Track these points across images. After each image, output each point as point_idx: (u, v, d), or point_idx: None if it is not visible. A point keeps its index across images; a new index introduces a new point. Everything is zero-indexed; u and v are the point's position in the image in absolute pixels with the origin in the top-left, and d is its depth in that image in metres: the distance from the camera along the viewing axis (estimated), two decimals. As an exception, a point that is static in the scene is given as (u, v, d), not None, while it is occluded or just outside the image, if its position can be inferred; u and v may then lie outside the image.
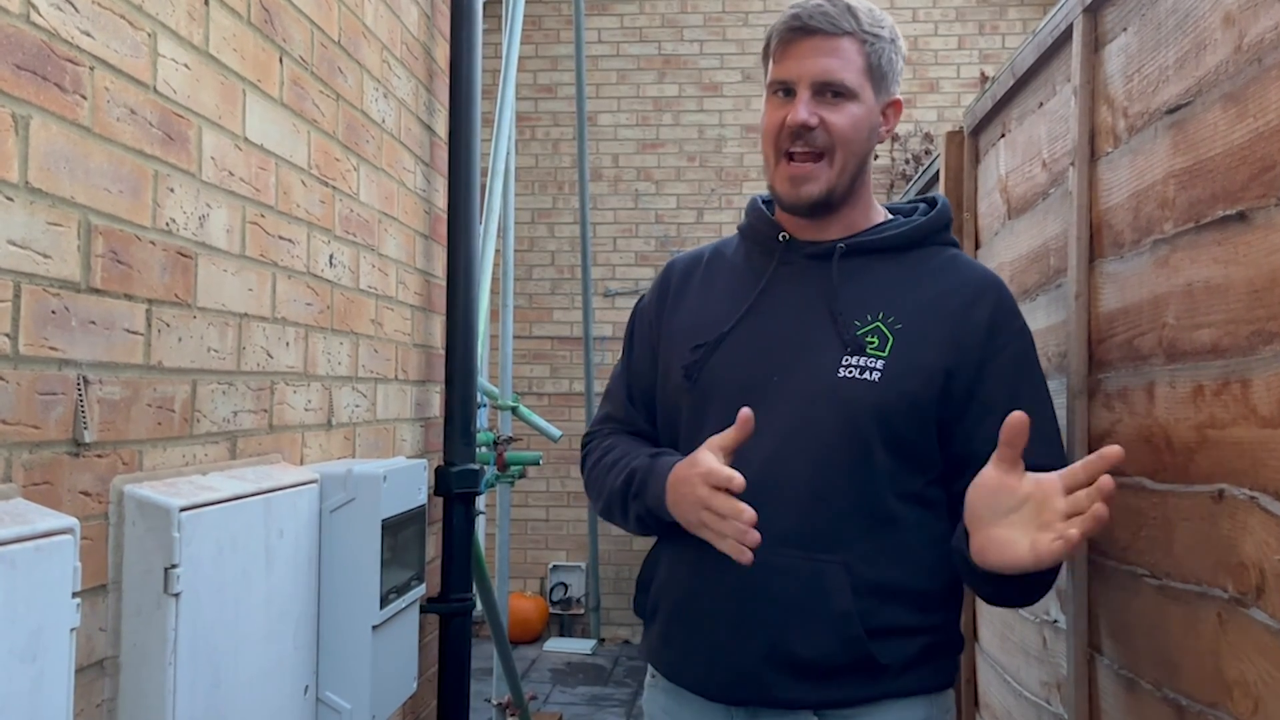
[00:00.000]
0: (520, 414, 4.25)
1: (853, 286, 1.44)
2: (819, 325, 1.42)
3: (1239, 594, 1.18)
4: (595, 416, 1.68)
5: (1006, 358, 1.41)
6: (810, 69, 1.40)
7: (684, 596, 1.44)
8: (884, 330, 1.39)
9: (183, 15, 1.63)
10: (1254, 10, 1.15)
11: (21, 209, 1.29)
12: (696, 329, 1.49)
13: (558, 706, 5.16)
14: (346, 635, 2.06)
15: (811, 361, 1.40)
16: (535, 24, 6.71)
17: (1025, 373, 1.44)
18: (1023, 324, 1.47)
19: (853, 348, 1.39)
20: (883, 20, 1.45)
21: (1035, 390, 1.44)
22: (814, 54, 1.40)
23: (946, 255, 1.49)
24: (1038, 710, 1.92)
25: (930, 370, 1.38)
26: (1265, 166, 1.12)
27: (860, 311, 1.42)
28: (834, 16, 1.40)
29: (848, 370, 1.38)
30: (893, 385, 1.37)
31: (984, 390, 1.40)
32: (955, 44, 6.62)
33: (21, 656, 1.16)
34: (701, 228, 6.70)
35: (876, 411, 1.37)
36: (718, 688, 1.41)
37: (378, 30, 2.48)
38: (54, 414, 1.36)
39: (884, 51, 1.44)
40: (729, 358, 1.45)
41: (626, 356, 1.63)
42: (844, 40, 1.40)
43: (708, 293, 1.53)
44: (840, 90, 1.41)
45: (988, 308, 1.42)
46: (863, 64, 1.41)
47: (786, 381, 1.41)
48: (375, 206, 2.48)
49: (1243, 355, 1.17)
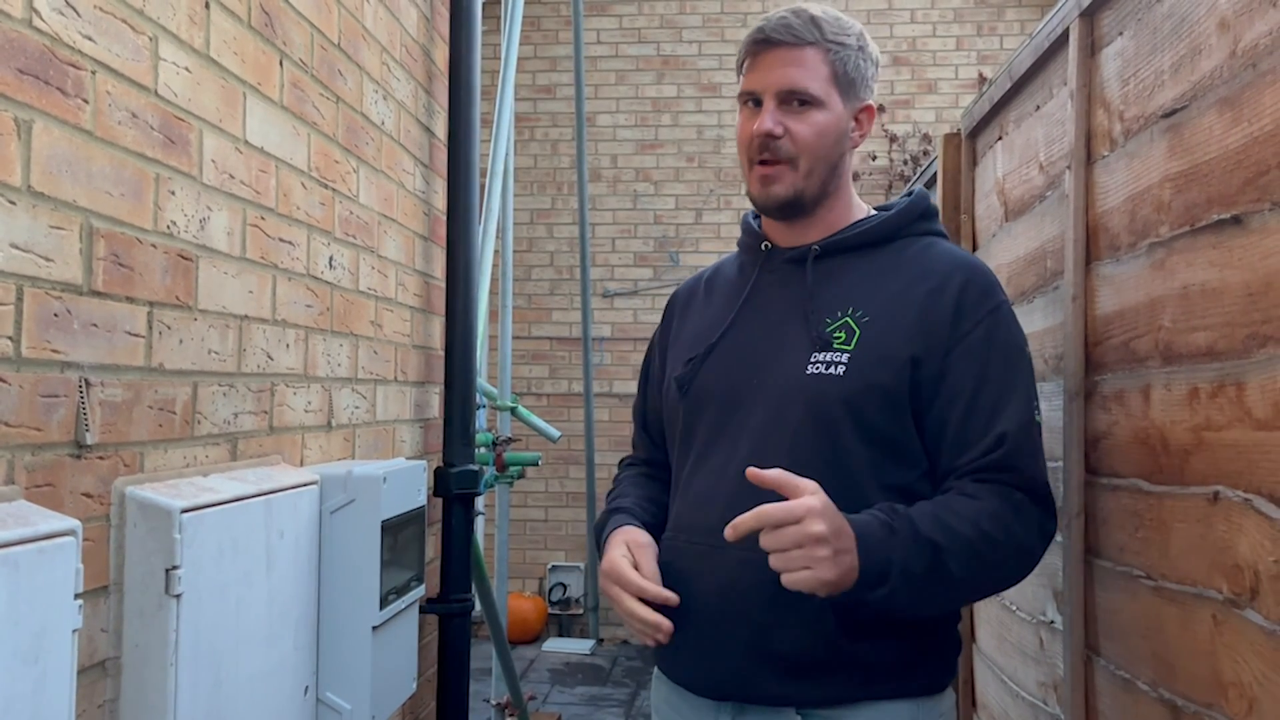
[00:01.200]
0: (519, 415, 4.26)
1: (829, 286, 1.46)
2: (794, 327, 1.46)
3: (1234, 595, 1.18)
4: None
5: (973, 341, 1.39)
6: (775, 79, 1.45)
7: (677, 595, 1.45)
8: (851, 324, 1.42)
9: (184, 19, 1.64)
10: (1249, 15, 1.16)
11: (24, 212, 1.30)
12: (691, 343, 1.56)
13: (556, 706, 5.17)
14: (347, 636, 2.06)
15: (785, 362, 1.44)
16: (534, 25, 6.72)
17: (996, 353, 1.39)
18: (996, 305, 1.42)
19: (822, 344, 1.42)
20: (849, 29, 1.47)
21: (1005, 370, 1.39)
22: (779, 64, 1.45)
23: (922, 244, 1.49)
24: (1034, 710, 1.93)
25: (897, 360, 1.38)
26: (1260, 171, 1.13)
27: (832, 309, 1.44)
28: (797, 28, 1.44)
29: (815, 367, 1.40)
30: (859, 377, 1.38)
31: (951, 376, 1.38)
32: (953, 45, 6.63)
33: (24, 658, 1.16)
34: (700, 228, 6.71)
35: (845, 404, 1.38)
36: (705, 684, 1.44)
37: (377, 33, 2.49)
38: (56, 416, 1.36)
39: (849, 59, 1.46)
40: (715, 368, 1.51)
41: (641, 387, 1.74)
42: (807, 50, 1.44)
43: (706, 309, 1.60)
44: (805, 98, 1.44)
45: (953, 292, 1.41)
46: (828, 72, 1.44)
47: (763, 384, 1.45)
48: (375, 208, 2.49)
49: (1238, 358, 1.18)
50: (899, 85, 6.62)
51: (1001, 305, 1.43)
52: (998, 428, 1.36)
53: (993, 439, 1.36)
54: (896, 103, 6.59)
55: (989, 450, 1.36)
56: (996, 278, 1.48)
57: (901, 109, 6.60)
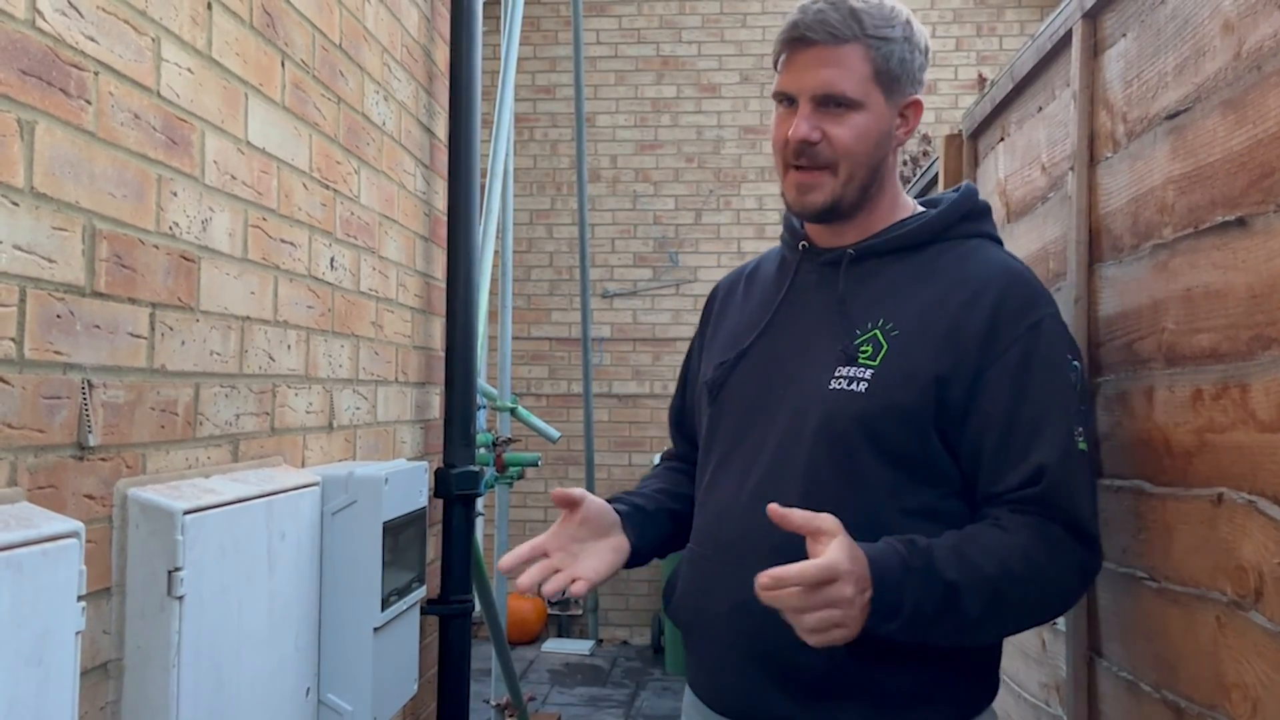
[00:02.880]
0: (519, 415, 4.26)
1: (862, 293, 1.38)
2: (825, 335, 1.38)
3: (1238, 597, 1.18)
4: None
5: (1009, 362, 1.29)
6: (810, 81, 1.35)
7: (694, 610, 1.43)
8: (880, 338, 1.33)
9: (186, 20, 1.64)
10: (1253, 17, 1.16)
11: (27, 214, 1.29)
12: (725, 346, 1.49)
13: (556, 707, 5.17)
14: (348, 637, 2.06)
15: (810, 374, 1.36)
16: (534, 25, 6.72)
17: (1035, 375, 1.29)
18: (1039, 319, 1.32)
19: (847, 358, 1.34)
20: (893, 18, 1.36)
21: (1046, 393, 1.29)
22: (814, 65, 1.34)
23: (965, 248, 1.39)
24: (1037, 712, 1.93)
25: (922, 379, 1.29)
26: (1264, 173, 1.13)
27: (863, 318, 1.36)
28: (834, 24, 1.33)
29: (837, 382, 1.33)
30: (879, 396, 1.30)
31: (983, 399, 1.29)
32: (953, 45, 6.63)
33: (27, 659, 1.16)
34: (700, 229, 6.71)
35: (861, 424, 1.30)
36: (718, 700, 1.40)
37: (378, 33, 2.49)
38: (59, 418, 1.36)
39: (894, 53, 1.35)
40: (745, 374, 1.44)
41: (680, 385, 1.67)
42: (846, 48, 1.33)
43: (745, 305, 1.52)
44: (842, 101, 1.34)
45: (987, 306, 1.31)
46: (869, 70, 1.34)
47: (786, 395, 1.38)
48: (376, 209, 2.49)
49: (1242, 360, 1.18)
50: (898, 86, 6.62)
51: (1044, 320, 1.32)
52: (1035, 458, 1.27)
53: (1030, 471, 1.27)
54: (896, 103, 6.59)
55: (1025, 484, 1.27)
56: (1042, 287, 1.38)
57: (901, 109, 6.60)
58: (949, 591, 1.22)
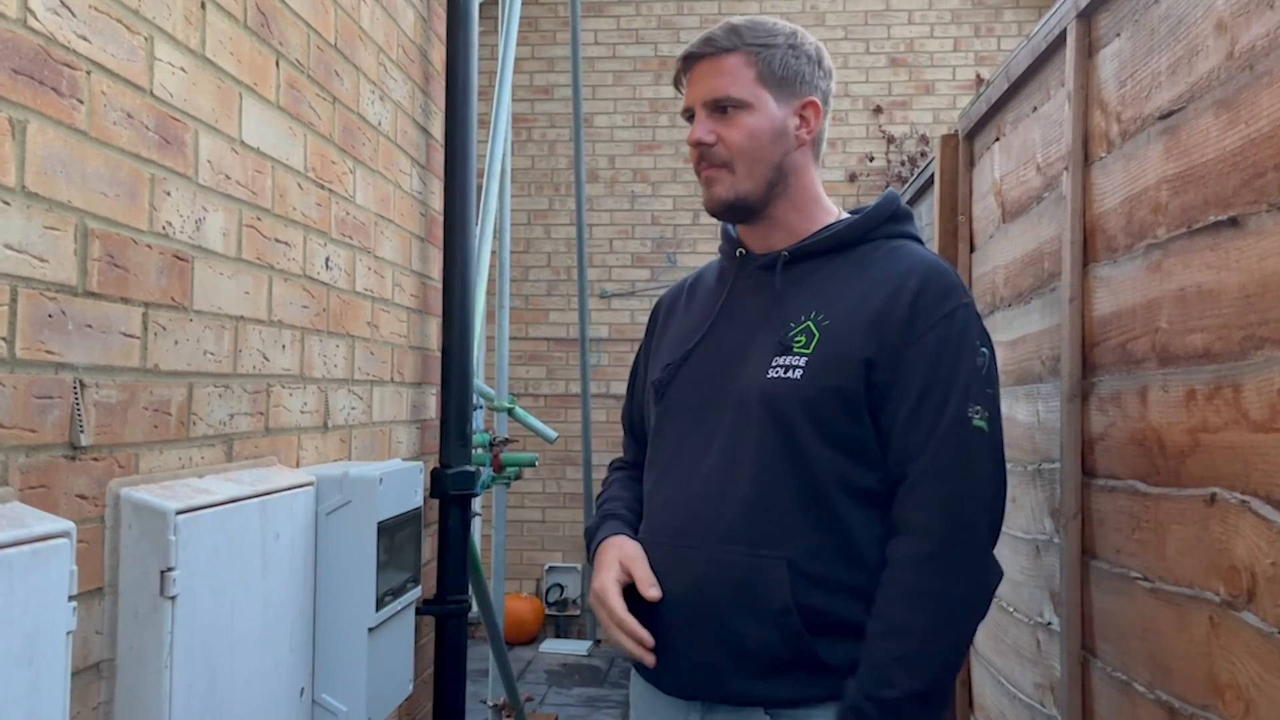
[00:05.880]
0: (516, 415, 4.25)
1: (796, 291, 1.49)
2: (763, 331, 1.48)
3: (1231, 597, 1.18)
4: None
5: (926, 345, 1.39)
6: (700, 91, 1.49)
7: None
8: (812, 328, 1.44)
9: (179, 19, 1.63)
10: (1246, 18, 1.16)
11: (19, 213, 1.29)
12: (671, 350, 1.60)
13: (553, 708, 5.16)
14: (342, 637, 2.06)
15: (751, 367, 1.46)
16: (531, 26, 6.72)
17: (946, 358, 1.39)
18: (954, 308, 1.41)
19: (782, 348, 1.44)
20: (775, 30, 1.50)
21: (951, 375, 1.39)
22: (704, 77, 1.49)
23: (890, 247, 1.50)
24: (1031, 712, 1.93)
25: (852, 362, 1.39)
26: (1257, 173, 1.13)
27: (797, 313, 1.46)
28: (716, 38, 1.48)
29: (775, 371, 1.43)
30: (815, 380, 1.40)
31: (901, 379, 1.39)
32: (951, 46, 6.63)
33: (18, 660, 1.16)
34: (697, 229, 6.71)
35: (802, 406, 1.40)
36: (674, 683, 1.46)
37: (374, 33, 2.48)
38: (50, 417, 1.36)
39: (777, 58, 1.48)
40: (690, 373, 1.54)
41: (628, 391, 1.77)
42: (728, 58, 1.47)
43: (688, 313, 1.64)
44: (730, 104, 1.47)
45: (909, 295, 1.41)
46: (753, 74, 1.47)
47: (730, 389, 1.47)
48: (371, 209, 2.48)
49: (1234, 360, 1.18)
50: (896, 86, 6.62)
51: (958, 309, 1.42)
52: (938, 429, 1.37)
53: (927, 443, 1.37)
54: (894, 104, 6.60)
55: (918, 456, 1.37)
56: (959, 280, 1.46)
57: (899, 110, 6.60)
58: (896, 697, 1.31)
